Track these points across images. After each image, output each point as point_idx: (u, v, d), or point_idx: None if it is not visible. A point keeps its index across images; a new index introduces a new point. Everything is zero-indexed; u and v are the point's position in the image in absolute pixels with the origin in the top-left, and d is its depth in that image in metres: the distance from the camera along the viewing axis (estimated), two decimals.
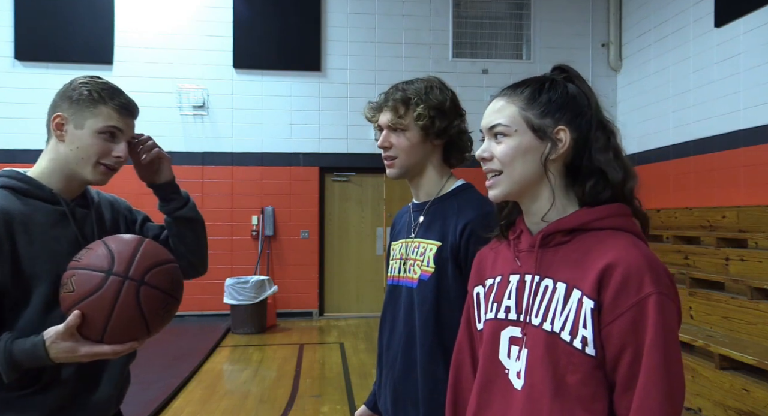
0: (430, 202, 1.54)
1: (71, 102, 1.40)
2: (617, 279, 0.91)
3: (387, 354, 1.55)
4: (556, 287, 0.98)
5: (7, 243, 1.29)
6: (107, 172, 1.42)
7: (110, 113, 1.40)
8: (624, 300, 0.91)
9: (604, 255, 0.94)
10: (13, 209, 1.33)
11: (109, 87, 1.43)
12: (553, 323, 0.97)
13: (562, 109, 1.03)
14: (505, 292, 1.07)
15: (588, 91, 1.06)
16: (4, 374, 1.23)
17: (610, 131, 1.05)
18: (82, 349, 1.23)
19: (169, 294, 1.30)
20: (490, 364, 1.06)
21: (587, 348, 0.93)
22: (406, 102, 1.49)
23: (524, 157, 1.02)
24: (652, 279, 0.91)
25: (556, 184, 1.04)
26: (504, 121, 1.04)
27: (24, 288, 1.32)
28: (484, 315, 1.11)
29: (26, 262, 1.32)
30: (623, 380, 0.91)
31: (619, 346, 0.91)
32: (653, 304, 0.89)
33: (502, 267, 1.11)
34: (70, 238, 1.39)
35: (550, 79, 1.07)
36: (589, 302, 0.93)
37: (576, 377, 0.93)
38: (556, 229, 1.01)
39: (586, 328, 0.93)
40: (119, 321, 1.23)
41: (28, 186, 1.38)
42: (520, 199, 1.07)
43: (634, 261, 0.92)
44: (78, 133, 1.39)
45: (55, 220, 1.39)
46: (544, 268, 1.01)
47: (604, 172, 1.01)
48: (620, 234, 0.98)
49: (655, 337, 0.88)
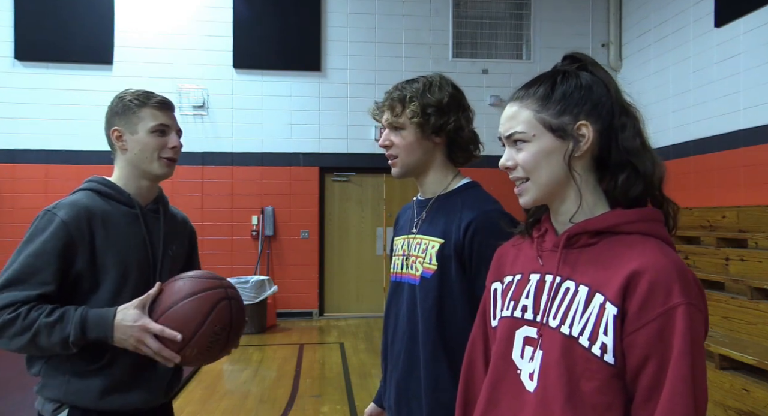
0: (433, 199, 1.54)
1: (119, 115, 1.62)
2: (644, 286, 0.88)
3: (391, 350, 1.56)
4: (578, 290, 0.95)
5: (88, 235, 1.51)
6: (169, 163, 1.64)
7: (153, 113, 1.61)
8: (651, 309, 0.87)
9: (631, 261, 0.90)
10: (96, 207, 1.56)
11: (143, 92, 1.64)
12: (571, 327, 0.93)
13: (580, 102, 0.98)
14: (524, 291, 1.03)
15: (605, 77, 1.01)
16: (73, 335, 1.40)
17: (633, 117, 1.00)
18: (141, 320, 1.41)
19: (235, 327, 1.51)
20: (503, 363, 1.03)
21: (606, 355, 0.89)
22: (402, 100, 1.50)
23: (548, 160, 0.98)
24: (681, 289, 0.87)
25: (584, 181, 0.99)
26: (520, 127, 1.00)
27: (96, 275, 1.53)
28: (500, 312, 1.08)
29: (101, 253, 1.53)
30: (645, 391, 0.87)
31: (642, 356, 0.87)
32: (681, 315, 0.86)
33: (523, 265, 1.07)
34: (139, 238, 1.61)
35: (562, 71, 1.02)
36: (612, 308, 0.89)
37: (592, 384, 0.90)
38: (583, 230, 0.97)
39: (607, 335, 0.89)
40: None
41: (110, 189, 1.61)
42: (551, 201, 1.03)
43: (662, 268, 0.88)
44: (135, 138, 1.60)
45: (130, 220, 1.61)
46: (567, 269, 0.98)
47: (634, 165, 0.96)
48: (649, 239, 0.94)
49: (683, 349, 0.85)
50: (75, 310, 1.44)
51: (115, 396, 1.53)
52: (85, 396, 1.51)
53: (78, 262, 1.50)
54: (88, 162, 7.39)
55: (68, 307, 1.45)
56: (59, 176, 7.38)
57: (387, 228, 8.15)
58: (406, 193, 8.08)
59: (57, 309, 1.43)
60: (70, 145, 7.45)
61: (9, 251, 1.55)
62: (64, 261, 1.48)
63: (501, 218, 1.42)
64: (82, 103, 7.42)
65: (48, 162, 7.42)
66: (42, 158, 7.40)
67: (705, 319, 0.91)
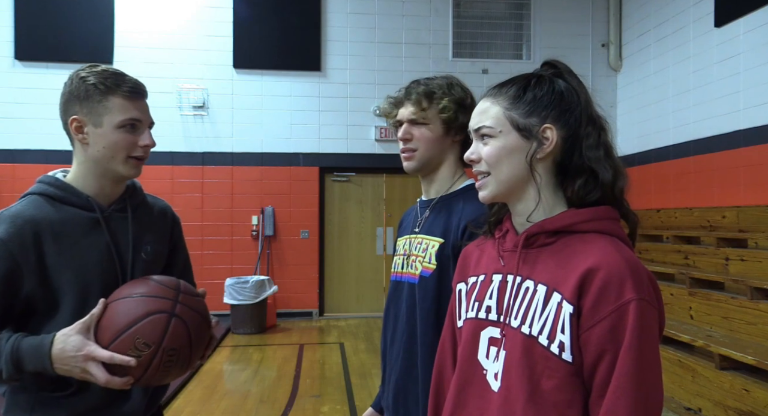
0: (437, 199, 1.54)
1: (81, 101, 1.36)
2: (597, 284, 0.89)
3: (390, 350, 1.56)
4: (537, 289, 0.96)
5: (34, 254, 1.28)
6: (138, 163, 1.40)
7: (123, 103, 1.35)
8: (604, 306, 0.89)
9: (585, 259, 0.92)
10: (43, 218, 1.31)
11: (111, 73, 1.37)
12: (531, 326, 0.95)
13: (548, 107, 1.01)
14: (487, 291, 1.05)
15: (578, 86, 1.03)
16: (5, 370, 1.21)
17: (600, 127, 1.02)
18: (85, 348, 1.20)
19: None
20: (469, 364, 1.04)
21: (564, 353, 0.91)
22: (429, 95, 1.49)
23: (510, 157, 1.01)
24: (633, 285, 0.89)
25: (544, 183, 1.01)
26: (489, 122, 1.03)
27: (52, 297, 1.31)
28: (465, 313, 1.09)
29: (54, 272, 1.30)
30: (598, 386, 0.89)
31: (597, 353, 0.89)
32: (633, 310, 0.87)
33: (486, 266, 1.09)
34: (102, 247, 1.37)
35: (537, 75, 1.05)
36: (568, 306, 0.91)
37: (552, 382, 0.91)
38: (540, 230, 0.99)
39: (564, 333, 0.91)
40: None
41: (63, 193, 1.36)
42: (509, 199, 1.05)
43: (615, 265, 0.90)
44: (99, 131, 1.35)
45: (89, 228, 1.37)
46: (527, 269, 0.99)
47: (594, 171, 0.98)
48: (604, 237, 0.96)
49: (630, 343, 0.86)
50: (6, 341, 1.22)
51: (90, 410, 1.36)
52: None
53: (25, 286, 1.28)
54: None
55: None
56: None
57: (387, 228, 8.15)
58: (406, 193, 8.08)
59: None
60: (70, 145, 7.38)
61: None
62: (7, 287, 1.26)
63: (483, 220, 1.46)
64: None
65: (48, 162, 7.41)
66: (42, 158, 7.40)
67: (659, 314, 0.93)
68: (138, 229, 1.46)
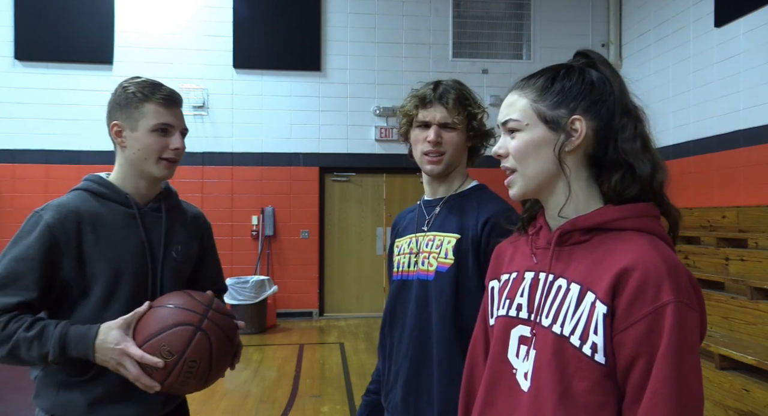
0: (446, 198, 1.57)
1: (121, 108, 1.49)
2: (633, 285, 0.85)
3: (398, 350, 1.54)
4: (570, 288, 0.93)
5: (75, 240, 1.42)
6: (170, 165, 1.52)
7: (157, 109, 1.48)
8: (639, 307, 0.85)
9: (621, 259, 0.88)
10: (86, 210, 1.46)
11: (149, 84, 1.51)
12: (563, 326, 0.92)
13: (578, 97, 0.97)
14: (519, 289, 1.02)
15: (611, 76, 0.99)
16: (52, 353, 1.33)
17: (637, 118, 0.97)
18: (122, 343, 1.33)
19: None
20: (499, 362, 1.02)
21: (597, 355, 0.88)
22: (462, 101, 1.52)
23: (537, 151, 0.98)
24: (672, 287, 0.84)
25: (575, 177, 0.97)
26: (515, 115, 1.00)
27: (85, 283, 1.44)
28: (496, 311, 1.07)
29: (90, 259, 1.43)
30: (632, 391, 0.85)
31: (631, 356, 0.85)
32: (670, 314, 0.83)
33: (519, 263, 1.06)
34: (136, 241, 1.50)
35: (567, 66, 1.02)
36: (602, 307, 0.87)
37: (583, 384, 0.88)
38: (574, 227, 0.95)
39: (597, 334, 0.87)
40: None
41: (105, 189, 1.50)
42: (540, 195, 1.02)
43: (653, 266, 0.86)
44: (135, 135, 1.48)
45: (125, 223, 1.50)
46: (560, 267, 0.96)
47: (631, 165, 0.93)
48: (643, 236, 0.91)
49: (668, 348, 0.82)
50: (55, 327, 1.35)
51: (104, 410, 1.45)
52: (72, 409, 1.44)
53: (64, 269, 1.41)
54: (88, 162, 7.39)
55: (48, 322, 1.37)
56: (59, 176, 7.38)
57: (387, 228, 8.15)
58: (406, 193, 8.08)
59: (37, 323, 1.35)
60: (70, 145, 7.45)
61: None
62: (48, 268, 1.39)
63: (517, 215, 1.50)
64: (82, 103, 7.42)
65: (48, 162, 7.42)
66: (42, 158, 7.40)
67: (700, 319, 0.89)
68: (170, 229, 1.58)
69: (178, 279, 1.59)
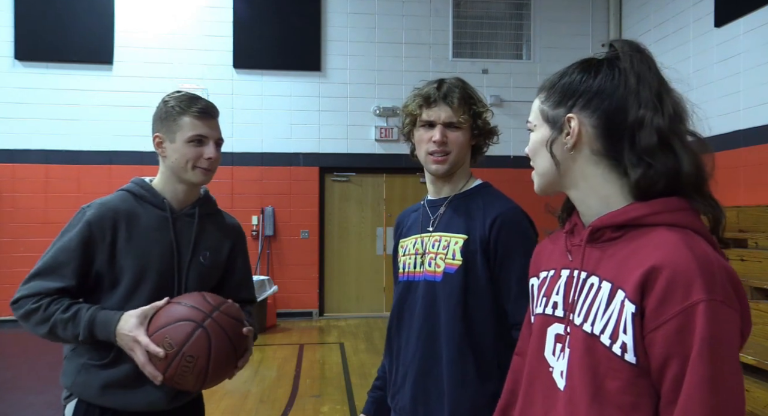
0: (451, 198, 1.56)
1: (161, 121, 1.63)
2: (662, 283, 0.82)
3: (405, 352, 1.53)
4: (601, 286, 0.91)
5: (110, 236, 1.56)
6: (205, 172, 1.64)
7: (192, 122, 1.60)
8: (669, 307, 0.81)
9: (650, 256, 0.85)
10: (124, 209, 1.60)
11: (186, 98, 1.63)
12: (593, 324, 0.90)
13: (575, 94, 0.96)
14: (555, 287, 1.01)
15: (631, 68, 0.94)
16: (82, 334, 1.48)
17: (654, 111, 0.92)
18: (135, 331, 1.45)
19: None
20: (537, 361, 1.02)
21: (627, 354, 0.85)
22: (467, 100, 1.51)
23: (542, 150, 1.00)
24: (703, 284, 0.80)
25: (586, 174, 0.96)
26: (530, 117, 1.04)
27: (115, 275, 1.57)
28: (535, 308, 1.07)
29: (121, 254, 1.57)
30: (667, 393, 0.82)
31: (663, 357, 0.82)
32: (703, 313, 0.79)
33: (557, 261, 1.05)
34: (165, 242, 1.62)
35: (586, 60, 1.01)
36: (630, 306, 0.85)
37: (616, 384, 0.86)
38: (605, 224, 0.93)
39: (626, 334, 0.85)
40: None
41: (145, 192, 1.65)
42: (557, 191, 1.03)
43: (682, 263, 0.82)
44: (173, 146, 1.61)
45: (159, 225, 1.63)
46: (592, 265, 0.94)
47: (653, 160, 0.90)
48: (675, 231, 0.87)
49: (701, 349, 0.79)
50: (87, 310, 1.50)
51: (115, 394, 1.55)
52: (87, 389, 1.56)
53: (97, 261, 1.56)
54: (88, 162, 7.40)
55: (81, 306, 1.52)
56: (59, 176, 7.38)
57: (387, 228, 8.15)
58: (406, 193, 8.08)
59: (73, 306, 1.51)
60: (70, 145, 7.45)
61: (9, 251, 1.58)
62: (84, 259, 1.54)
63: (523, 214, 1.51)
64: (82, 103, 7.42)
65: (48, 162, 7.42)
66: (42, 158, 7.40)
67: (739, 316, 0.85)
68: (201, 234, 1.69)
69: (203, 283, 1.67)
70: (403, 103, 1.59)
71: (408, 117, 1.56)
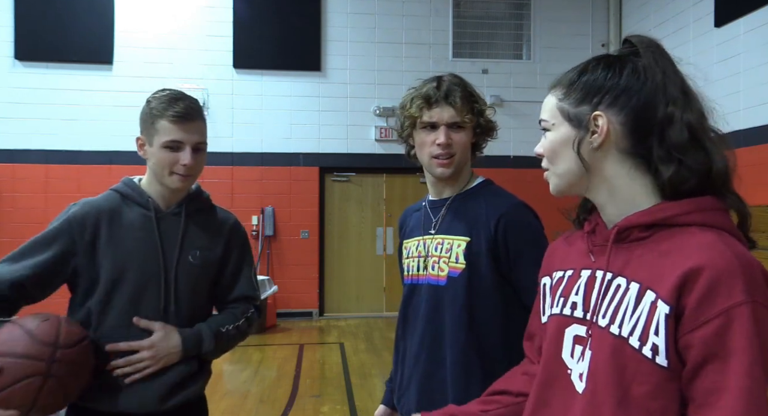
0: (452, 199, 1.52)
1: (143, 123, 1.58)
2: (703, 283, 0.79)
3: (410, 354, 1.52)
4: (629, 287, 0.88)
5: (90, 234, 1.53)
6: (183, 178, 1.57)
7: (167, 126, 1.53)
8: (710, 307, 0.79)
9: (689, 257, 0.82)
10: (108, 208, 1.57)
11: (167, 99, 1.55)
12: (621, 326, 0.87)
13: (601, 91, 0.92)
14: (574, 287, 0.98)
15: (653, 64, 0.92)
16: None
17: (684, 106, 0.90)
18: None
19: None
20: (553, 362, 0.99)
21: (658, 357, 0.82)
22: (469, 99, 1.47)
23: (564, 150, 0.95)
24: (745, 286, 0.78)
25: (612, 173, 0.93)
26: (545, 115, 0.99)
27: (92, 276, 1.53)
28: (549, 309, 1.04)
29: (101, 254, 1.53)
30: (700, 395, 0.79)
31: (701, 357, 0.79)
32: (744, 314, 0.77)
33: (574, 261, 1.02)
34: (149, 243, 1.57)
35: (604, 56, 0.97)
36: (664, 307, 0.82)
37: (644, 388, 0.83)
38: (633, 224, 0.90)
39: (658, 335, 0.82)
40: None
41: (132, 191, 1.61)
42: (578, 192, 1.00)
43: (724, 263, 0.79)
44: (152, 150, 1.56)
45: (143, 224, 1.58)
46: (618, 266, 0.91)
47: (682, 158, 0.87)
48: (710, 231, 0.85)
49: (742, 351, 0.76)
50: None
51: (103, 397, 1.52)
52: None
53: (76, 259, 1.53)
54: (88, 162, 7.40)
55: None
56: (59, 176, 7.38)
57: (387, 228, 8.15)
58: (406, 193, 8.08)
59: None
60: (70, 145, 7.45)
61: (9, 251, 1.56)
62: (53, 255, 1.51)
63: (528, 209, 1.47)
64: (82, 103, 7.42)
65: (48, 162, 7.42)
66: (42, 158, 7.40)
67: None
68: (189, 233, 1.63)
69: (195, 283, 1.62)
70: (400, 103, 1.53)
71: (407, 119, 1.50)
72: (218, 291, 1.71)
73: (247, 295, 1.75)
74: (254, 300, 1.78)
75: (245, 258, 1.76)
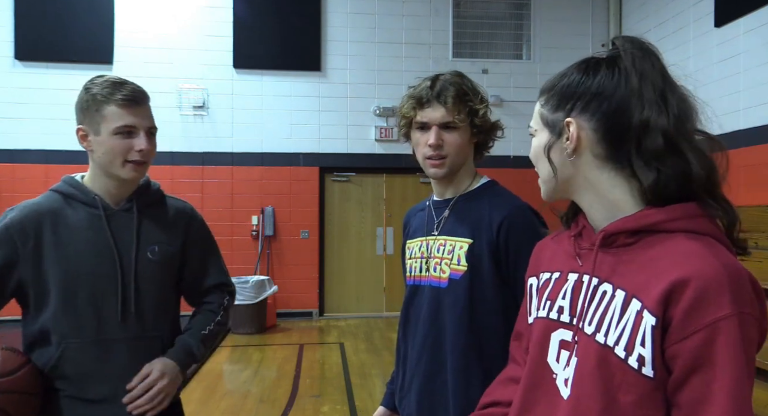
0: (455, 199, 1.50)
1: (83, 112, 1.45)
2: (690, 295, 0.78)
3: (410, 357, 1.52)
4: (615, 294, 0.86)
5: (33, 240, 1.41)
6: (137, 167, 1.46)
7: (117, 111, 1.42)
8: (697, 319, 0.78)
9: (675, 266, 0.81)
10: (50, 210, 1.44)
11: (109, 84, 1.44)
12: (607, 335, 0.85)
13: (573, 97, 0.91)
14: (561, 291, 0.97)
15: (631, 67, 0.89)
16: None
17: (659, 112, 0.87)
18: None
19: None
20: (538, 366, 0.98)
21: (644, 368, 0.81)
22: (462, 98, 1.42)
23: (543, 156, 0.95)
24: (733, 297, 0.77)
25: (591, 179, 0.91)
26: (531, 122, 1.00)
27: (42, 286, 1.42)
28: (536, 311, 1.03)
29: (47, 261, 1.41)
30: (686, 405, 0.79)
31: (687, 368, 0.79)
32: (732, 326, 0.77)
33: (562, 263, 1.00)
34: (101, 244, 1.46)
35: (585, 60, 0.95)
36: (650, 318, 0.81)
37: (630, 397, 0.82)
38: (619, 230, 0.88)
39: (645, 347, 0.81)
40: None
41: (75, 190, 1.49)
42: (564, 197, 0.99)
43: (712, 274, 0.78)
44: (99, 139, 1.44)
45: (91, 224, 1.46)
46: (605, 271, 0.89)
47: (661, 164, 0.86)
48: (696, 238, 0.83)
49: (731, 364, 0.76)
50: None
51: (74, 408, 1.45)
52: None
53: (20, 269, 1.41)
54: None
55: None
56: (59, 176, 7.28)
57: (387, 228, 8.15)
58: (406, 193, 8.08)
59: None
60: (70, 145, 7.41)
61: None
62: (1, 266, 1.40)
63: (532, 212, 1.44)
64: None
65: (48, 162, 7.42)
66: (42, 158, 7.40)
67: (758, 327, 0.82)
68: (145, 229, 1.52)
69: (158, 280, 1.54)
70: (400, 102, 1.52)
71: (403, 119, 1.49)
72: (188, 285, 1.64)
73: (219, 283, 1.69)
74: (228, 287, 1.72)
75: (209, 246, 1.69)
